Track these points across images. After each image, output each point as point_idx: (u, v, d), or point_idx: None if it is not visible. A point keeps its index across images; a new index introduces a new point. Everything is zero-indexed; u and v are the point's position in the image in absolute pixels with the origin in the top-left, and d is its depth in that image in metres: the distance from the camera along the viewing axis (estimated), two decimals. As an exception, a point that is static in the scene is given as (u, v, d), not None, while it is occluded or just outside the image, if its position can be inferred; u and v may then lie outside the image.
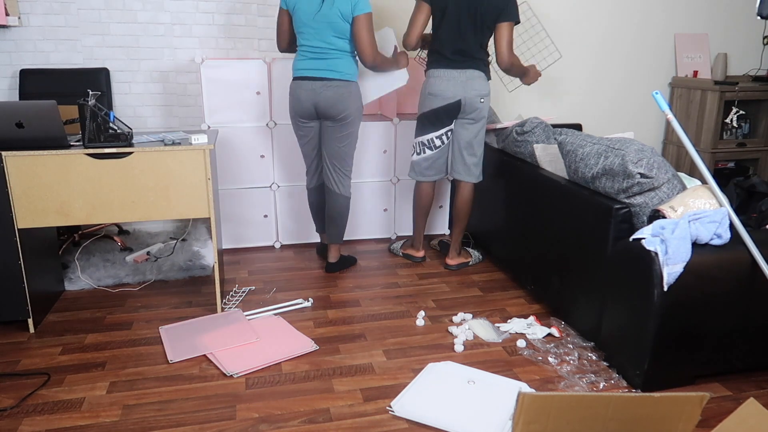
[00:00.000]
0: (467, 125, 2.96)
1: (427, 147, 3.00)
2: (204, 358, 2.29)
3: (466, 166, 3.03)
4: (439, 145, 2.99)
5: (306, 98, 2.81)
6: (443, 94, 2.86)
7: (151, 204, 2.43)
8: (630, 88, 4.35)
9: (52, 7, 3.35)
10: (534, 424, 1.46)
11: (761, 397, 2.02)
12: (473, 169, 3.04)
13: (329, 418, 1.95)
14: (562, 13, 4.06)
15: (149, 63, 3.53)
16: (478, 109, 2.90)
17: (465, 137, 2.98)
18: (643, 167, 2.16)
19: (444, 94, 2.86)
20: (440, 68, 2.87)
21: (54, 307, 2.72)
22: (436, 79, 2.87)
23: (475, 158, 3.03)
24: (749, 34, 4.45)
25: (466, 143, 2.99)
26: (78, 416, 1.94)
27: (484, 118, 2.98)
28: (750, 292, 2.03)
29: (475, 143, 3.00)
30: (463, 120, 2.95)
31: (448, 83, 2.84)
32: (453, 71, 2.84)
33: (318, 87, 2.77)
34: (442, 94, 2.86)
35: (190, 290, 2.92)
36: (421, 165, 3.05)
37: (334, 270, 3.14)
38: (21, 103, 2.25)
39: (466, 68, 2.84)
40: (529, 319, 2.58)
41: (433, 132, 2.96)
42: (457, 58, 2.83)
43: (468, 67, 2.84)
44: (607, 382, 2.13)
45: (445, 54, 2.84)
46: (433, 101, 2.89)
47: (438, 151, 3.00)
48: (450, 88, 2.85)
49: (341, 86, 2.78)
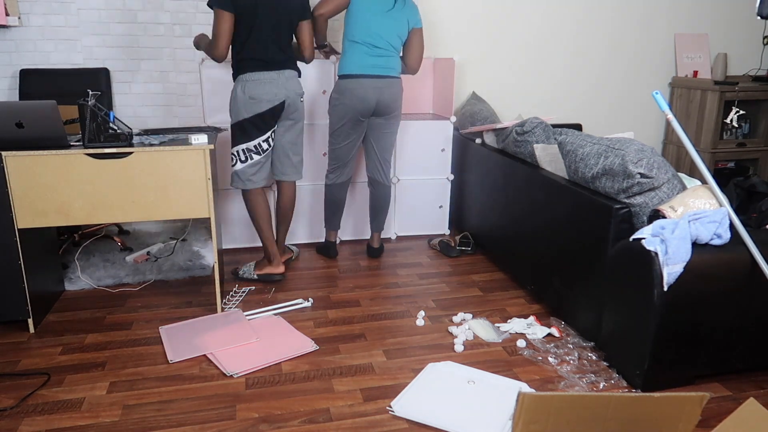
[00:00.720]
0: (290, 125, 2.91)
1: (254, 152, 2.83)
2: (204, 358, 2.29)
3: (293, 166, 3.01)
4: (266, 149, 2.86)
5: (371, 97, 2.94)
6: (271, 98, 2.75)
7: (151, 204, 2.43)
8: (630, 88, 4.35)
9: (52, 7, 3.35)
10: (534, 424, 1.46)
11: (761, 397, 2.02)
12: (299, 166, 3.05)
13: (329, 418, 1.95)
14: (563, 13, 4.06)
15: (149, 63, 3.53)
16: (299, 109, 2.89)
17: (288, 138, 2.93)
18: (643, 167, 2.16)
19: (267, 97, 2.74)
20: (258, 71, 2.73)
21: (54, 307, 2.72)
22: (259, 83, 2.72)
23: (299, 156, 3.03)
24: (749, 34, 4.46)
25: (290, 144, 2.95)
26: (78, 416, 1.94)
27: (303, 117, 2.97)
28: (750, 292, 2.03)
29: (299, 142, 2.99)
30: (286, 121, 2.88)
31: (270, 85, 2.74)
32: (272, 73, 2.74)
33: (381, 84, 2.94)
34: (270, 98, 2.75)
35: (190, 290, 2.92)
36: (248, 172, 2.85)
37: (379, 254, 3.37)
38: (21, 103, 2.25)
39: (284, 69, 2.78)
40: (529, 319, 2.58)
41: (260, 136, 2.81)
42: (277, 60, 2.75)
43: (285, 68, 2.79)
44: (607, 382, 2.13)
45: (261, 57, 2.72)
46: (259, 105, 2.74)
47: (265, 155, 2.87)
48: (272, 90, 2.75)
49: (398, 83, 3.04)
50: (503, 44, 4.04)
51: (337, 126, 3.03)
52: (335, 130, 3.05)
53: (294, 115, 2.88)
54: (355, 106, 2.94)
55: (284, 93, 2.78)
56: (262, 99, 2.73)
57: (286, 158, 2.98)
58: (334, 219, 3.28)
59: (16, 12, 3.29)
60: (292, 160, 3.00)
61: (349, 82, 2.92)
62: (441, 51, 3.95)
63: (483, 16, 3.96)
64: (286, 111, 2.84)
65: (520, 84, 4.15)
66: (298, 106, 2.87)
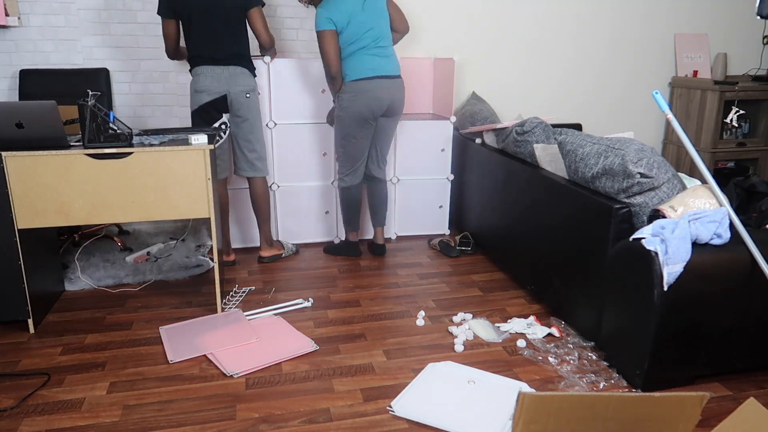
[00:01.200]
0: (239, 122, 2.98)
1: None
2: (204, 358, 2.29)
3: (249, 162, 3.07)
4: (218, 140, 2.95)
5: (385, 97, 3.00)
6: (209, 90, 2.86)
7: (151, 204, 2.43)
8: (630, 88, 4.35)
9: (52, 7, 3.35)
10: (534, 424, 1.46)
11: (761, 397, 2.02)
12: (257, 163, 3.09)
13: (329, 418, 1.95)
14: (563, 13, 4.06)
15: (149, 63, 3.53)
16: (245, 105, 2.94)
17: (240, 134, 3.02)
18: (643, 167, 2.16)
19: (207, 89, 2.86)
20: (201, 65, 2.86)
21: (54, 307, 2.72)
22: (201, 76, 2.86)
23: (256, 153, 3.07)
24: (749, 34, 4.46)
25: (243, 141, 3.03)
26: (78, 416, 1.94)
27: (256, 114, 3.01)
28: (750, 291, 2.03)
29: (253, 138, 3.04)
30: (234, 117, 2.97)
31: (210, 79, 2.85)
32: (216, 68, 2.85)
33: (391, 85, 3.02)
34: (208, 90, 2.86)
35: (190, 290, 2.92)
36: None
37: (384, 252, 3.40)
38: (21, 103, 2.25)
39: (229, 65, 2.86)
40: (529, 319, 2.58)
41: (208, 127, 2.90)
42: (219, 57, 2.85)
43: (230, 64, 2.87)
44: (607, 382, 2.13)
45: (204, 55, 2.84)
46: (201, 97, 2.87)
47: (218, 146, 2.96)
48: (212, 84, 2.85)
49: (403, 83, 3.11)
50: (503, 44, 4.04)
51: (351, 128, 3.05)
52: (349, 132, 3.06)
53: (240, 111, 2.95)
54: (371, 106, 2.99)
55: (225, 87, 2.88)
56: (203, 91, 2.86)
57: (241, 154, 3.07)
58: (356, 219, 3.33)
59: (16, 12, 3.29)
60: (247, 157, 3.07)
61: (364, 84, 2.96)
62: (441, 51, 3.95)
63: (483, 16, 3.96)
64: (232, 107, 2.94)
65: (520, 84, 4.15)
66: (242, 101, 2.93)
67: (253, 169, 3.10)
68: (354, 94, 2.97)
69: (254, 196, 3.16)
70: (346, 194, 3.24)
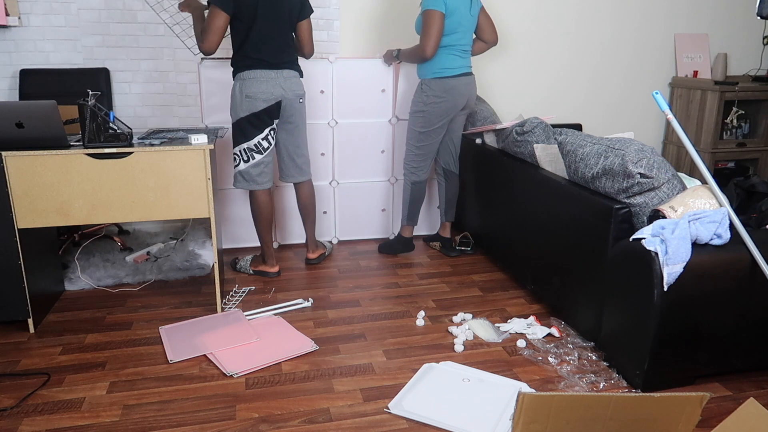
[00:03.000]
0: (290, 129, 2.92)
1: (255, 152, 2.83)
2: (204, 358, 2.29)
3: (298, 168, 3.04)
4: (267, 147, 2.85)
5: (466, 93, 3.12)
6: (262, 95, 2.74)
7: (151, 204, 2.43)
8: (630, 88, 4.35)
9: (52, 7, 3.35)
10: (534, 424, 1.46)
11: (761, 397, 2.02)
12: (305, 168, 3.07)
13: (329, 418, 1.95)
14: (563, 13, 4.06)
15: (149, 63, 3.53)
16: (297, 111, 2.89)
17: (291, 142, 2.96)
18: (643, 167, 2.16)
19: (263, 96, 2.74)
20: (256, 69, 2.73)
21: (54, 307, 2.72)
22: (253, 80, 2.73)
23: (303, 158, 3.05)
24: (749, 34, 4.45)
25: (293, 147, 2.98)
26: (78, 416, 1.94)
27: (304, 118, 2.99)
28: (750, 292, 2.03)
29: (301, 143, 3.01)
30: (286, 124, 2.90)
31: (266, 84, 2.74)
32: (270, 71, 2.75)
33: (470, 81, 3.14)
34: (261, 96, 2.74)
35: (190, 290, 2.92)
36: (252, 173, 2.86)
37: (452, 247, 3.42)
38: (21, 103, 2.25)
39: (283, 68, 2.79)
40: (529, 319, 2.58)
41: (258, 135, 2.81)
42: (274, 58, 2.75)
43: (285, 68, 2.79)
44: (607, 382, 2.13)
45: (259, 56, 2.72)
46: (255, 104, 2.75)
47: (267, 155, 2.86)
48: (269, 89, 2.75)
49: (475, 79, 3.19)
50: (503, 44, 4.04)
51: (435, 124, 3.13)
52: (432, 128, 3.14)
53: (292, 118, 2.89)
54: (457, 103, 3.11)
55: (280, 92, 2.78)
56: (258, 97, 2.73)
57: (290, 161, 3.01)
58: (417, 214, 3.39)
59: (16, 12, 3.29)
60: (296, 162, 3.02)
61: (452, 81, 3.06)
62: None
63: (483, 16, 3.96)
64: (284, 112, 2.84)
65: (520, 84, 4.14)
66: (296, 107, 2.87)
67: (301, 174, 3.06)
68: (441, 91, 3.06)
69: (304, 200, 3.12)
70: (417, 189, 3.30)
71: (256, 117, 2.77)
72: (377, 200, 3.60)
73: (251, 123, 2.78)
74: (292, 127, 2.93)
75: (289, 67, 2.81)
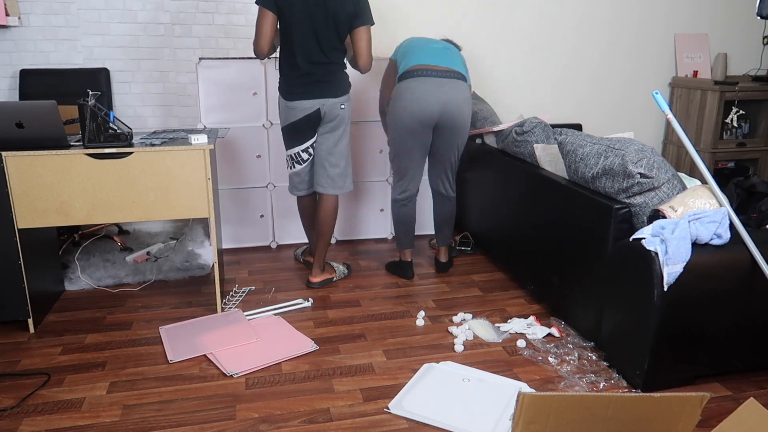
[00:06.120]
0: (326, 134, 2.76)
1: (295, 161, 2.82)
2: (204, 358, 2.29)
3: (329, 178, 2.80)
4: (306, 159, 2.80)
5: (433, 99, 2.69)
6: (302, 105, 2.65)
7: (151, 204, 2.44)
8: (630, 88, 4.35)
9: (52, 7, 3.35)
10: (534, 424, 1.46)
11: (761, 397, 2.02)
12: (338, 180, 2.82)
13: (329, 418, 1.95)
14: (563, 12, 4.06)
15: (149, 63, 3.53)
16: (338, 116, 2.72)
17: (325, 147, 2.78)
18: (643, 167, 2.16)
19: (302, 105, 2.65)
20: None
21: (54, 307, 2.72)
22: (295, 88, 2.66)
23: (339, 169, 2.81)
24: (749, 34, 4.45)
25: (327, 153, 2.78)
26: (78, 416, 1.94)
27: (346, 126, 2.79)
28: (750, 292, 2.03)
29: (337, 153, 2.79)
30: (323, 129, 2.76)
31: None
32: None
33: (445, 84, 2.69)
34: (301, 105, 2.65)
35: (190, 290, 2.92)
36: (294, 180, 2.88)
37: (447, 269, 3.17)
38: (21, 103, 2.25)
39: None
40: (529, 319, 2.58)
41: (299, 146, 2.77)
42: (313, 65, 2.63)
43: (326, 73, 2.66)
44: (607, 382, 2.13)
45: (298, 62, 2.61)
46: (291, 113, 2.68)
47: (306, 165, 2.82)
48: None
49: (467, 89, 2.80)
50: (503, 44, 4.04)
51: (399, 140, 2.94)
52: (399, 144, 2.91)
53: (332, 123, 2.74)
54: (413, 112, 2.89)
55: (319, 101, 2.67)
56: (296, 107, 2.67)
57: (322, 169, 2.81)
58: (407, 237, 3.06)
59: (16, 12, 3.29)
60: (328, 172, 2.80)
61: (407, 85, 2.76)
62: (441, 51, 3.94)
63: (482, 16, 3.96)
64: (325, 118, 2.72)
65: (520, 84, 4.14)
66: (337, 113, 2.71)
67: (333, 186, 2.81)
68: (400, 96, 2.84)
69: (322, 214, 2.85)
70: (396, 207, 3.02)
71: (296, 128, 2.72)
72: (377, 200, 3.60)
73: (292, 133, 2.75)
74: (329, 131, 2.76)
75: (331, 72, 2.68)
